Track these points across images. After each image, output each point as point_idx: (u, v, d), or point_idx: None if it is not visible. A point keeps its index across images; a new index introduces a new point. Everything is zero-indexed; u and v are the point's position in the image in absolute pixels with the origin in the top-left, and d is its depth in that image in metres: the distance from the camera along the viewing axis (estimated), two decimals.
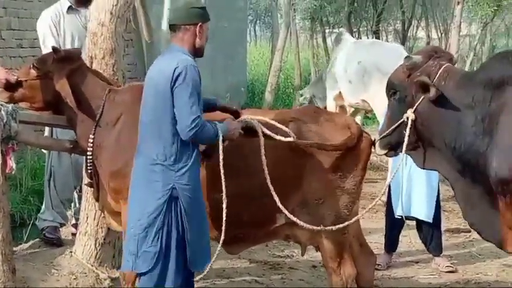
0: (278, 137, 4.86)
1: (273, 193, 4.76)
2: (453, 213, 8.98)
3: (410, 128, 4.80)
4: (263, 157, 4.78)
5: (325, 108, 10.91)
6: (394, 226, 7.14)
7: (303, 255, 5.48)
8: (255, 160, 4.83)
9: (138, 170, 4.67)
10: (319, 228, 4.92)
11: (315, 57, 20.71)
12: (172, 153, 4.57)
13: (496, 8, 17.60)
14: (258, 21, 35.57)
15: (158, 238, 4.56)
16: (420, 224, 7.19)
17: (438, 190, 7.17)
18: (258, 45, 31.87)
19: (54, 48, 5.18)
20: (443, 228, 8.45)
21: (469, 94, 4.70)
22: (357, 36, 22.76)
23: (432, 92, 4.68)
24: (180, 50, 4.66)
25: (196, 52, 4.71)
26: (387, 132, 4.96)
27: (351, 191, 5.04)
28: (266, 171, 4.77)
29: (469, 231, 8.15)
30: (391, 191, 7.07)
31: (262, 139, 4.82)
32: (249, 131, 4.87)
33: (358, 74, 10.58)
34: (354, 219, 5.01)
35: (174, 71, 4.50)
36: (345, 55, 11.02)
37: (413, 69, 4.82)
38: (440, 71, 4.79)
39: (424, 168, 5.19)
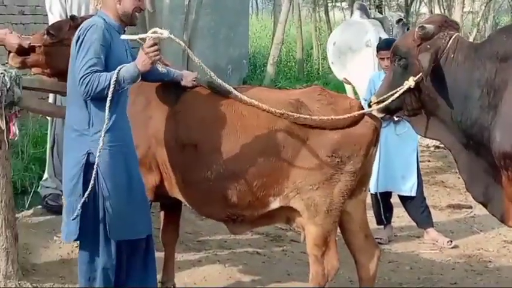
0: (253, 101, 4.79)
1: None
2: (454, 189, 8.97)
3: (408, 92, 4.75)
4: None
5: None
6: (376, 201, 7.18)
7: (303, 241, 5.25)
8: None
9: (64, 139, 4.62)
10: None
11: (317, 31, 20.64)
12: (85, 118, 4.44)
13: None
14: None
15: (79, 205, 4.39)
16: (405, 201, 7.20)
17: (418, 164, 7.18)
18: (260, 18, 31.70)
19: (72, 16, 5.14)
20: (445, 204, 8.50)
21: (475, 67, 4.66)
22: None
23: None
24: (99, 14, 4.60)
25: (123, 19, 4.59)
26: (388, 96, 4.82)
27: (350, 177, 4.86)
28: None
29: (470, 207, 8.16)
30: None
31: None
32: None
33: (335, 56, 10.82)
34: None
35: (77, 34, 4.47)
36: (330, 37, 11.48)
37: (424, 39, 4.74)
38: (450, 43, 4.72)
39: (424, 136, 5.15)
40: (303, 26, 19.68)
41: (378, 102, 4.92)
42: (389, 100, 4.82)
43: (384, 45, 6.76)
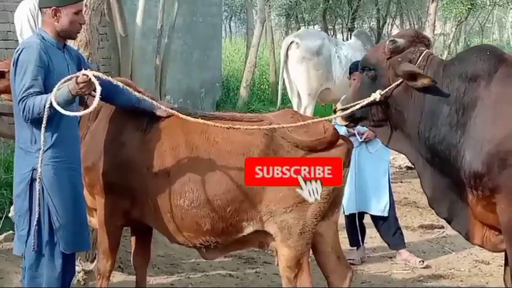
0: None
1: None
2: (426, 209, 8.99)
3: (375, 104, 4.81)
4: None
5: None
6: (349, 223, 7.21)
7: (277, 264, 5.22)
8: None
9: (14, 158, 4.72)
10: None
11: None
12: (27, 136, 4.55)
13: (470, 6, 17.75)
14: (233, 17, 35.48)
15: (26, 221, 4.55)
16: (377, 222, 7.23)
17: (390, 185, 7.21)
18: (233, 42, 31.78)
19: None
20: (417, 224, 8.54)
21: (444, 84, 4.70)
22: (332, 33, 22.84)
23: (421, 82, 4.65)
24: (39, 31, 4.68)
25: (61, 35, 4.66)
26: (352, 105, 4.87)
27: (323, 199, 4.85)
28: None
29: (442, 227, 8.22)
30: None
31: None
32: None
33: None
34: None
35: (14, 56, 4.55)
36: None
37: (394, 53, 4.79)
38: (420, 58, 4.78)
39: (389, 148, 5.17)
40: (276, 49, 19.74)
41: (343, 110, 4.98)
42: (351, 110, 4.88)
43: (354, 67, 6.81)
